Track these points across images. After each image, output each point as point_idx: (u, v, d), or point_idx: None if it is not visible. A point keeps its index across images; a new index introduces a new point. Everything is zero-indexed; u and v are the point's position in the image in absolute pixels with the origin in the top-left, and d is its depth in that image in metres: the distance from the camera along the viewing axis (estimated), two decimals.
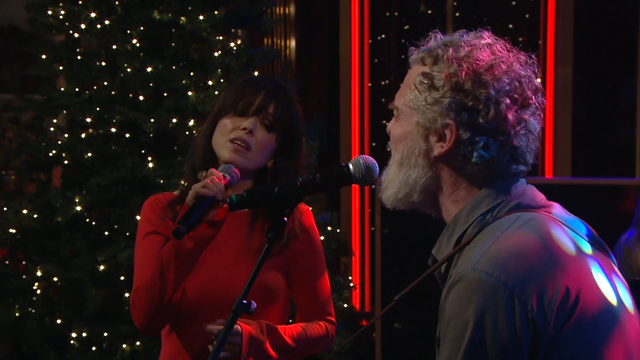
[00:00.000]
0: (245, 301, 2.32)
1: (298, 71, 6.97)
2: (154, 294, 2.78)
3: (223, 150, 2.88)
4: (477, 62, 2.06)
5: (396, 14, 7.16)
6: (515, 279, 1.91)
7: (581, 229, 2.12)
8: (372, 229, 6.90)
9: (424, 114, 2.08)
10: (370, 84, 7.16)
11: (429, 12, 7.20)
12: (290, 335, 2.93)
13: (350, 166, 2.38)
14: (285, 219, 2.37)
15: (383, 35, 7.20)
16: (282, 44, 6.98)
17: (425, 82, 2.09)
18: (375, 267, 5.83)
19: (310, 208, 3.08)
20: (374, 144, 7.14)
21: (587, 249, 2.07)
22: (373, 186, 2.47)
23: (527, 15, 7.02)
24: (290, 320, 3.05)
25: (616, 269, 2.12)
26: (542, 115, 2.14)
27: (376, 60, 7.20)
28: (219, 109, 2.95)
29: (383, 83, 7.22)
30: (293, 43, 7.02)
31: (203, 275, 2.86)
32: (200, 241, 2.76)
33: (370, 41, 7.16)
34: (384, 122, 7.14)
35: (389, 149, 2.20)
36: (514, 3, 6.91)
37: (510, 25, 6.99)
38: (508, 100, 2.06)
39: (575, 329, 1.94)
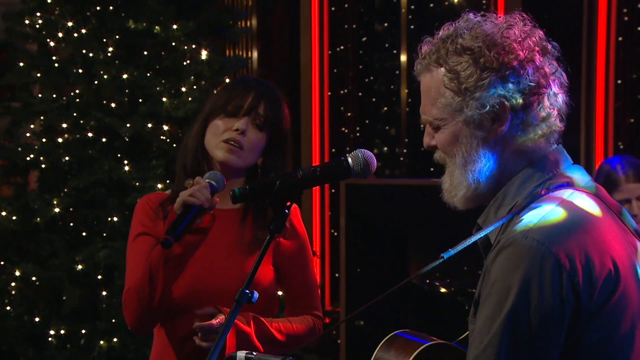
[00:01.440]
0: (247, 291, 2.30)
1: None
2: (144, 297, 2.78)
3: (217, 151, 2.90)
4: (489, 35, 2.05)
5: (354, 26, 7.22)
6: (565, 251, 1.90)
7: (627, 218, 2.12)
8: (332, 231, 6.99)
9: (469, 107, 2.05)
10: (329, 93, 7.22)
11: (385, 24, 7.25)
12: (277, 328, 2.94)
13: (349, 159, 2.37)
14: (287, 211, 2.36)
15: (342, 47, 7.26)
16: (245, 54, 7.04)
17: (454, 79, 2.06)
18: (340, 266, 5.92)
19: None
20: (333, 149, 7.21)
21: (632, 235, 2.08)
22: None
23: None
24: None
25: None
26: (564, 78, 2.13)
27: (335, 71, 7.26)
28: (209, 110, 2.96)
29: (342, 92, 7.27)
30: (255, 54, 7.08)
31: (194, 271, 2.86)
32: (188, 247, 2.76)
33: (329, 52, 7.21)
34: (343, 129, 7.28)
35: (439, 161, 2.17)
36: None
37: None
38: (537, 54, 2.06)
39: (616, 307, 1.93)
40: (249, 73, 6.79)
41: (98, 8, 5.39)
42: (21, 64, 5.48)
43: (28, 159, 5.43)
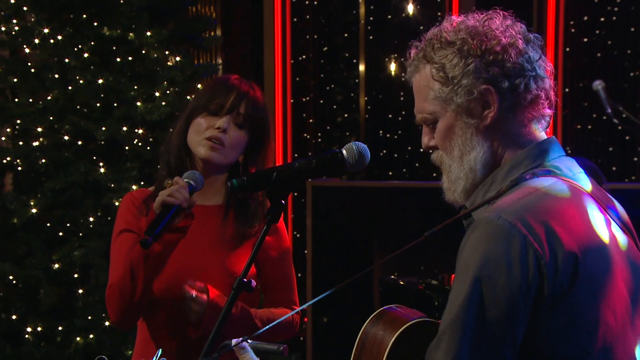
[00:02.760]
0: (245, 280, 2.31)
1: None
2: (126, 294, 2.79)
3: (199, 148, 2.92)
4: (470, 27, 2.07)
5: (315, 37, 7.27)
6: (534, 233, 1.89)
7: (613, 211, 2.10)
8: (295, 232, 7.04)
9: (458, 95, 2.06)
10: (292, 101, 7.26)
11: (345, 35, 7.32)
12: (260, 318, 2.94)
13: (344, 152, 2.36)
14: (284, 201, 2.35)
15: (303, 56, 7.29)
16: (207, 62, 7.03)
17: (441, 71, 2.07)
18: (307, 266, 5.96)
19: None
20: (295, 154, 7.23)
21: (616, 228, 2.05)
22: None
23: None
24: None
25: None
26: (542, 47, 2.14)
27: (297, 79, 7.30)
28: (192, 109, 2.97)
29: (304, 99, 7.31)
30: (219, 61, 7.10)
31: (176, 266, 2.87)
32: (167, 246, 2.76)
33: (292, 61, 7.24)
34: (305, 134, 7.34)
35: (435, 162, 2.17)
36: (421, 27, 7.04)
37: None
38: (520, 41, 2.06)
39: (580, 292, 1.91)
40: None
41: (71, 16, 5.42)
42: None
43: (4, 161, 5.44)
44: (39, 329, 5.34)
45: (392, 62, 7.27)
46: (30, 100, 5.46)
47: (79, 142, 5.40)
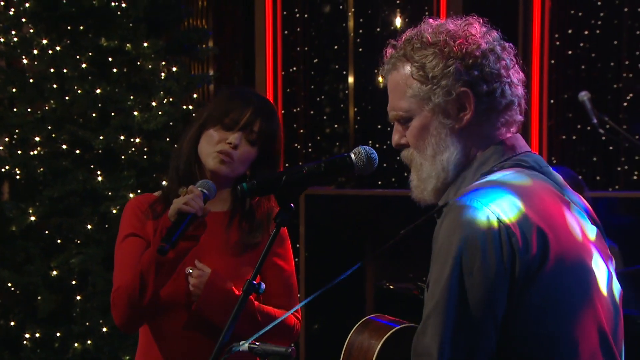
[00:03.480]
0: (255, 282, 2.32)
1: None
2: (134, 297, 2.80)
3: (209, 160, 2.93)
4: (451, 31, 2.09)
5: (306, 49, 7.30)
6: (504, 213, 1.93)
7: (574, 198, 2.14)
8: None
9: (436, 95, 2.07)
10: (283, 111, 7.27)
11: (335, 47, 7.37)
12: (260, 311, 2.93)
13: (352, 155, 2.34)
14: (292, 205, 2.34)
15: (294, 68, 7.32)
16: (202, 72, 7.07)
17: (421, 70, 2.07)
18: (300, 272, 6.01)
19: None
20: (287, 164, 7.20)
21: (578, 213, 2.09)
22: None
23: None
24: None
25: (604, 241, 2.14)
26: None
27: (288, 90, 7.32)
28: (205, 119, 2.97)
29: (294, 110, 7.33)
30: (211, 72, 7.11)
31: (182, 271, 2.88)
32: (180, 253, 2.78)
33: (283, 73, 7.26)
34: (296, 145, 7.37)
35: (405, 160, 2.18)
36: None
37: None
38: (498, 47, 2.10)
39: (554, 271, 1.95)
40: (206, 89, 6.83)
41: (69, 27, 5.44)
42: None
43: (3, 170, 5.45)
44: (37, 335, 5.34)
45: (379, 75, 7.31)
46: (29, 109, 5.47)
47: (77, 151, 5.41)
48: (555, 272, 1.96)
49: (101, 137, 5.31)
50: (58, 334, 5.33)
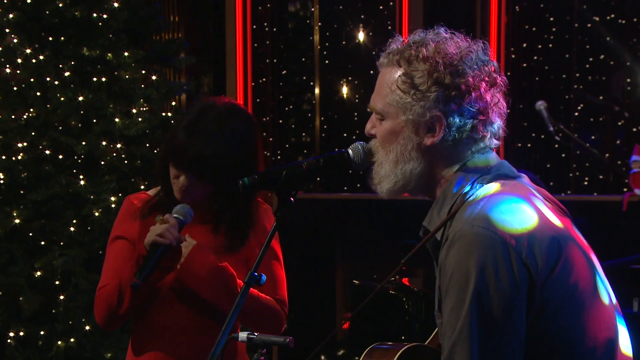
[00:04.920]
0: (256, 273, 2.32)
1: (188, 108, 6.99)
2: (112, 306, 2.84)
3: (174, 188, 2.89)
4: (449, 55, 2.08)
5: (275, 61, 7.39)
6: (508, 232, 1.95)
7: (547, 199, 2.16)
8: None
9: (412, 111, 2.08)
10: None
11: (302, 60, 7.47)
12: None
13: (350, 151, 2.31)
14: (292, 199, 2.32)
15: (263, 79, 7.41)
16: (179, 81, 7.08)
17: (408, 82, 2.08)
18: None
19: None
20: None
21: (559, 213, 2.13)
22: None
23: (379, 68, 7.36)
24: None
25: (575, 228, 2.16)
26: (506, 92, 2.17)
27: (258, 100, 7.41)
28: (164, 152, 2.92)
29: (264, 119, 7.39)
30: (183, 81, 7.13)
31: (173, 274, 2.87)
32: (154, 282, 2.80)
33: (253, 84, 7.35)
34: (266, 152, 7.44)
35: (371, 148, 2.21)
36: (373, 53, 7.20)
37: (372, 72, 7.36)
38: (484, 84, 2.09)
39: (563, 271, 1.98)
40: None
41: (52, 38, 5.45)
42: None
43: None
44: (21, 333, 5.33)
45: (344, 86, 7.44)
46: (13, 116, 5.46)
47: (60, 156, 5.43)
48: (567, 274, 1.99)
49: (83, 143, 5.33)
50: (42, 333, 5.33)
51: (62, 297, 5.33)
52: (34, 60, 5.44)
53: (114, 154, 5.43)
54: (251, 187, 2.35)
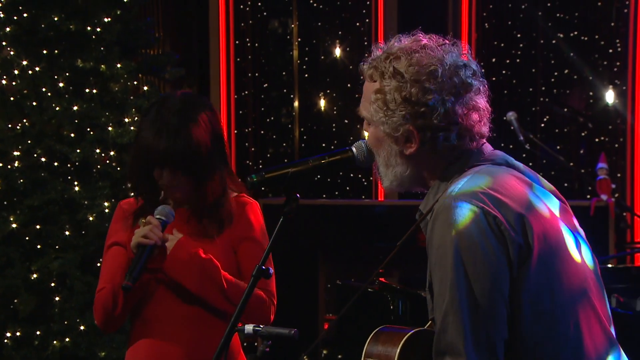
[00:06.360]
0: (263, 267, 2.31)
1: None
2: (108, 309, 2.88)
3: (162, 189, 2.90)
4: (418, 69, 2.06)
5: (256, 74, 7.49)
6: (488, 204, 1.99)
7: (535, 179, 2.18)
8: None
9: (387, 125, 2.10)
10: (236, 131, 7.43)
11: (283, 73, 7.55)
12: (228, 280, 2.89)
13: (354, 149, 2.31)
14: (298, 195, 2.32)
15: (246, 92, 7.48)
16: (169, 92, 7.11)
17: (380, 97, 2.09)
18: None
19: None
20: (239, 179, 7.38)
21: (541, 193, 2.13)
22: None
23: (362, 77, 7.50)
24: None
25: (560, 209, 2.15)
26: (485, 87, 2.16)
27: (240, 112, 7.48)
28: (137, 154, 2.92)
29: (246, 130, 7.49)
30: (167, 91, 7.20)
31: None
32: (144, 283, 2.83)
33: (235, 96, 7.42)
34: (248, 162, 7.53)
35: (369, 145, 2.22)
36: (351, 67, 7.33)
37: (349, 85, 7.42)
38: (452, 97, 2.07)
39: (543, 249, 2.00)
40: None
41: (46, 51, 5.51)
42: None
43: None
44: (18, 333, 5.37)
45: (322, 98, 7.56)
46: (9, 125, 5.51)
47: (55, 164, 5.48)
48: (541, 252, 2.00)
49: (78, 151, 5.38)
50: (38, 333, 5.37)
51: (57, 299, 5.37)
52: (30, 72, 5.49)
53: (107, 161, 5.49)
54: (258, 184, 2.35)
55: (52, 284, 5.39)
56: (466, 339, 1.95)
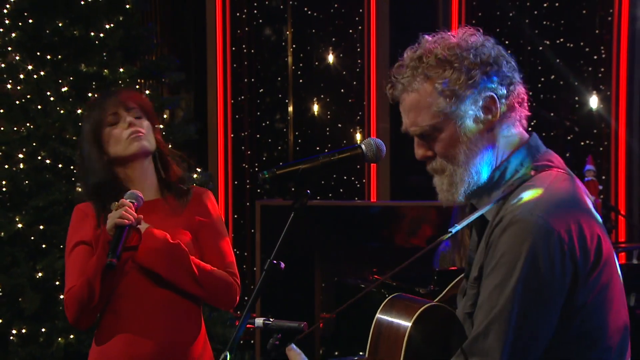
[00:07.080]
0: (275, 261, 2.30)
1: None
2: (83, 302, 2.86)
3: (130, 148, 2.94)
4: (458, 44, 2.04)
5: (252, 80, 7.54)
6: (564, 227, 1.92)
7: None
8: (235, 249, 7.23)
9: (465, 105, 2.02)
10: (232, 135, 7.47)
11: (278, 79, 7.61)
12: (197, 264, 2.92)
13: (363, 146, 2.28)
14: (308, 191, 2.29)
15: (242, 97, 7.54)
16: (169, 96, 7.15)
17: (445, 85, 2.02)
18: (255, 279, 6.15)
19: None
20: (236, 182, 7.43)
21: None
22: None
23: (354, 83, 7.52)
24: None
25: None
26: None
27: (237, 116, 7.54)
28: (91, 132, 2.97)
29: (242, 134, 7.54)
30: (164, 96, 7.23)
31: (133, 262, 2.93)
32: (122, 260, 2.83)
33: (232, 101, 7.48)
34: (244, 164, 7.59)
35: (432, 171, 2.12)
36: (344, 73, 7.45)
37: (342, 90, 7.54)
38: (503, 50, 2.07)
39: (604, 267, 1.97)
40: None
41: (50, 56, 5.54)
42: None
43: None
44: (24, 331, 5.40)
45: (316, 103, 7.62)
46: (15, 128, 5.55)
47: (59, 165, 5.52)
48: (604, 273, 1.98)
49: None
50: (43, 330, 5.39)
51: (61, 297, 5.39)
52: (34, 76, 5.53)
53: None
54: (270, 180, 2.30)
55: (57, 283, 5.41)
56: (504, 352, 1.92)
